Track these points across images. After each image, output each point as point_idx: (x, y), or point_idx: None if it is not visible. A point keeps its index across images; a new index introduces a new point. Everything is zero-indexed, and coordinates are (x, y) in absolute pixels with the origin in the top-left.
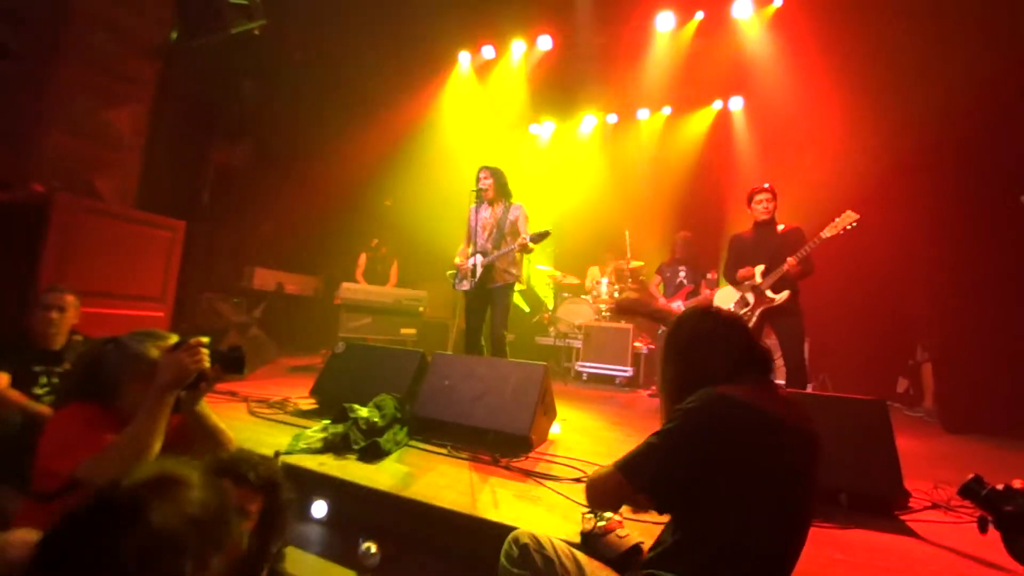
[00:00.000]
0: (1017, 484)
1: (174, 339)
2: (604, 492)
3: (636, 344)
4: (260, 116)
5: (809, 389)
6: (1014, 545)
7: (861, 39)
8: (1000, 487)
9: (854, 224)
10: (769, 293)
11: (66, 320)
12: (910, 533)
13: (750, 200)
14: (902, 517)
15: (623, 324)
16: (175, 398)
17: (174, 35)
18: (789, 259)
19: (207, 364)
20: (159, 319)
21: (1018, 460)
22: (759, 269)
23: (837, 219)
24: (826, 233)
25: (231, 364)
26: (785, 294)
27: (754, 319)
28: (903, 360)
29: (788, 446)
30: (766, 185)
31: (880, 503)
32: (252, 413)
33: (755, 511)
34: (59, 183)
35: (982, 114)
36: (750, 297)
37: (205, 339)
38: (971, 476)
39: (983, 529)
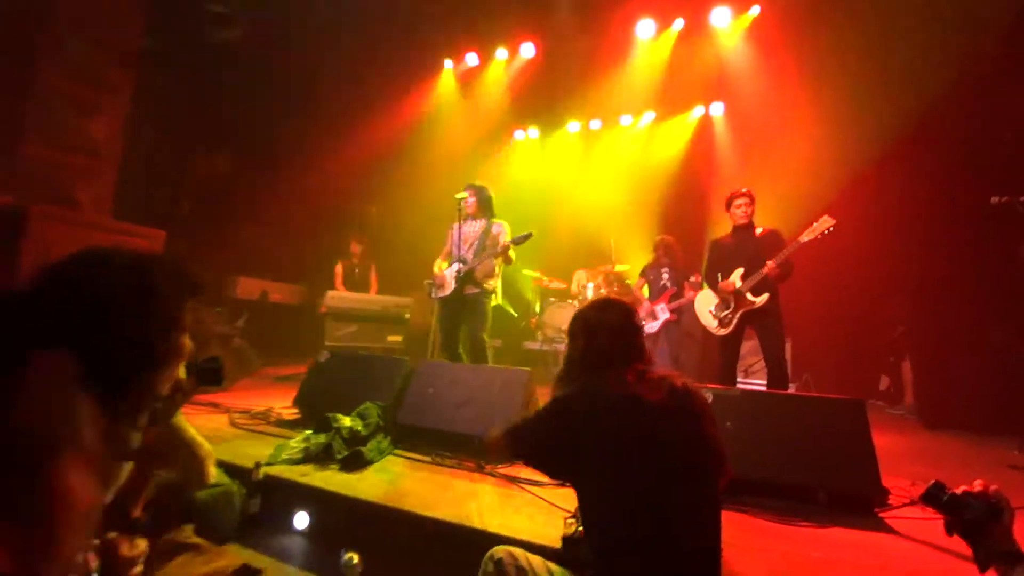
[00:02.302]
0: (977, 487)
1: None
2: (497, 451)
3: None
4: (241, 124)
5: (792, 389)
6: (976, 554)
7: (832, 47)
8: (959, 491)
9: (831, 229)
10: (749, 296)
11: None
12: (888, 530)
13: (729, 204)
14: (881, 514)
15: None
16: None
17: (151, 43)
18: (769, 263)
19: (183, 375)
20: None
21: (994, 455)
22: (738, 272)
23: (815, 223)
24: (804, 237)
25: (207, 375)
26: (765, 297)
27: (735, 321)
28: (884, 358)
29: (658, 427)
30: (744, 190)
31: (859, 501)
32: (234, 424)
33: (628, 491)
34: (35, 193)
35: (952, 116)
36: (731, 300)
37: None
38: (932, 482)
39: (950, 532)
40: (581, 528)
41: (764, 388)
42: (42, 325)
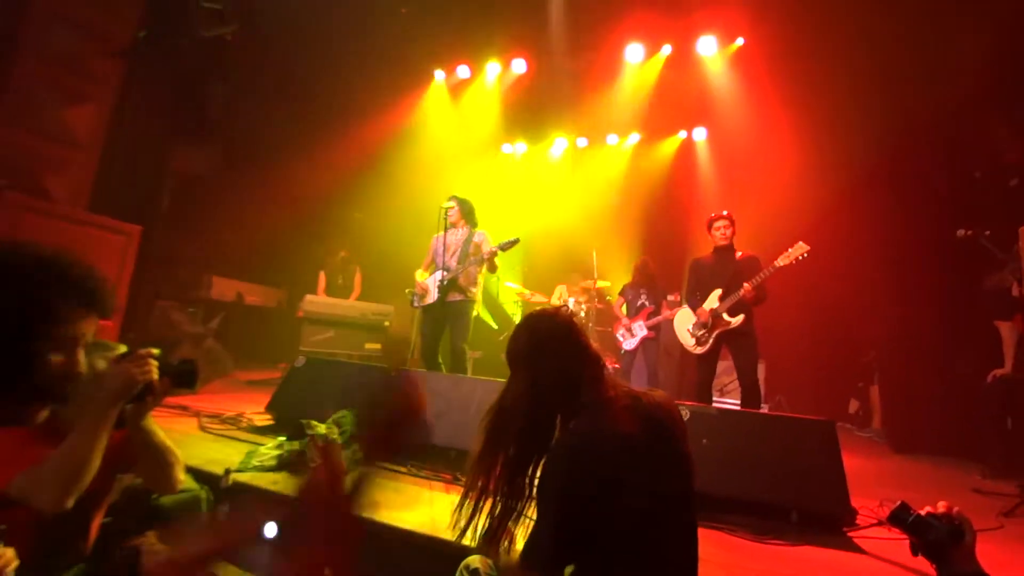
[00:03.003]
0: (941, 508)
1: (122, 349)
2: None
3: None
4: (227, 122)
5: (765, 409)
6: (939, 573)
7: (812, 79)
8: (924, 513)
9: (805, 255)
10: (726, 316)
11: None
12: (856, 549)
13: (710, 226)
14: (849, 534)
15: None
16: (119, 411)
17: (142, 35)
18: (745, 285)
19: (155, 376)
20: (107, 327)
21: (958, 478)
22: (717, 293)
23: (790, 249)
24: (779, 262)
25: (181, 378)
26: (741, 318)
27: (711, 340)
28: (854, 383)
29: (643, 458)
30: (725, 212)
31: (828, 520)
32: (203, 429)
33: (640, 533)
34: (7, 181)
35: (924, 151)
36: (708, 320)
37: (155, 351)
38: (898, 504)
39: (915, 553)
40: None
41: (738, 407)
42: None
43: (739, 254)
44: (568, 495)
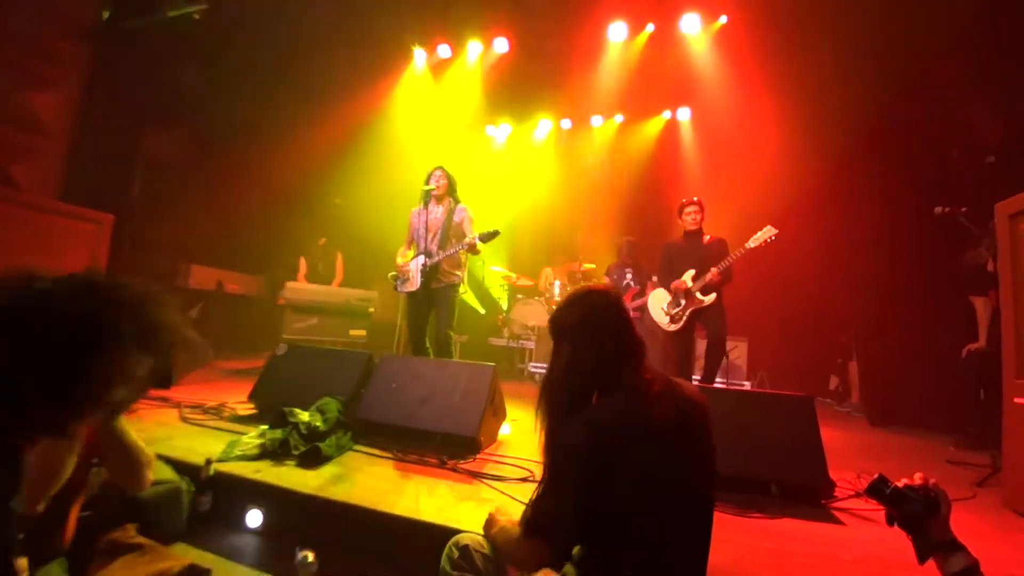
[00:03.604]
0: (917, 480)
1: None
2: (530, 561)
3: None
4: (199, 104)
5: (747, 386)
6: (915, 545)
7: (793, 59)
8: (901, 485)
9: (773, 238)
10: (699, 295)
11: None
12: (834, 520)
13: (680, 212)
14: (828, 505)
15: None
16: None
17: (105, 15)
18: (712, 269)
19: None
20: None
21: (933, 450)
22: (690, 274)
23: (759, 232)
24: (749, 244)
25: (157, 379)
26: (712, 296)
27: (685, 317)
28: (833, 359)
29: (669, 446)
30: (695, 199)
31: (808, 493)
32: (184, 419)
33: (655, 520)
34: None
35: (903, 130)
36: (682, 299)
37: None
38: (876, 476)
39: (891, 523)
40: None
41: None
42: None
43: (707, 238)
44: (587, 468)
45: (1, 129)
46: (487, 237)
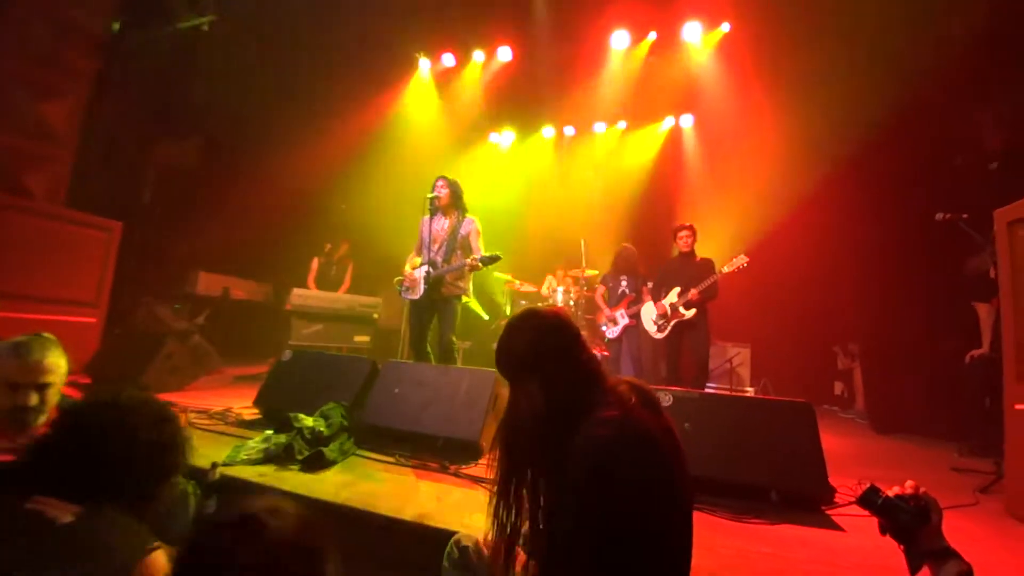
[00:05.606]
0: (908, 489)
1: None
2: None
3: None
4: (209, 113)
5: (751, 392)
6: (907, 555)
7: (796, 65)
8: (892, 495)
9: (745, 265)
10: (682, 310)
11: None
12: (834, 527)
13: (674, 235)
14: (828, 512)
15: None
16: None
17: (116, 27)
18: (692, 291)
19: None
20: (91, 324)
21: (937, 457)
22: (676, 291)
23: (734, 259)
24: (723, 270)
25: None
26: (693, 311)
27: (669, 328)
28: (837, 365)
29: (668, 454)
30: (688, 223)
31: (808, 499)
32: (190, 424)
33: (672, 531)
34: None
35: (905, 137)
36: (668, 312)
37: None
38: (867, 486)
39: (883, 533)
40: None
41: (725, 390)
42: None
43: (697, 259)
44: (611, 494)
45: (14, 139)
46: (488, 261)
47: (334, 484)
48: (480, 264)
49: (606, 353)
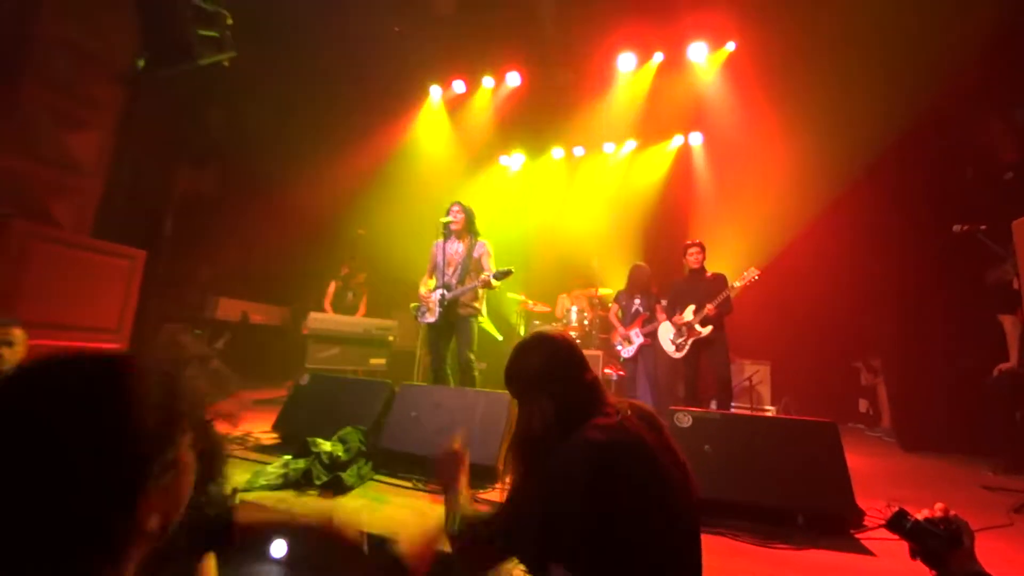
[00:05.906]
0: (938, 511)
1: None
2: (481, 561)
3: (606, 371)
4: (228, 143)
5: (772, 411)
6: None
7: (803, 81)
8: (922, 518)
9: (756, 278)
10: (698, 327)
11: (16, 357)
12: (864, 551)
13: (684, 252)
14: (856, 535)
15: (593, 351)
16: None
17: (141, 64)
18: (708, 305)
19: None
20: (113, 351)
21: (968, 476)
22: (691, 309)
23: (745, 272)
24: (736, 284)
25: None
26: (709, 328)
27: (688, 347)
28: (860, 382)
29: (667, 466)
30: (697, 240)
31: (835, 522)
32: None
33: (656, 546)
34: (13, 208)
35: (918, 150)
36: (684, 330)
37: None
38: (896, 510)
39: (914, 558)
40: None
41: (748, 410)
42: None
43: (708, 274)
44: (594, 491)
45: (42, 169)
46: (501, 276)
47: (354, 511)
48: (492, 280)
49: (622, 373)
